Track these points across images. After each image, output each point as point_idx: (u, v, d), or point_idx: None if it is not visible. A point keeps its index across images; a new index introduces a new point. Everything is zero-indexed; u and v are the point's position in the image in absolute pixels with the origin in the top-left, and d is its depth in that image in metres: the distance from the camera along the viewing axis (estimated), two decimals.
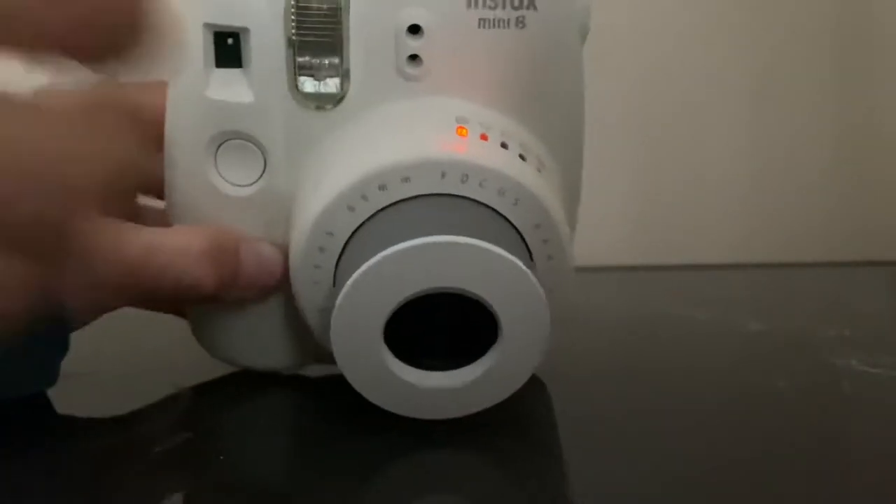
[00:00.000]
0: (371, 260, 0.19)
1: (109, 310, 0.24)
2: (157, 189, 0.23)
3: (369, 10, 0.21)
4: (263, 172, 0.22)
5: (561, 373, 0.27)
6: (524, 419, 0.24)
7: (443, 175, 0.20)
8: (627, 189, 0.50)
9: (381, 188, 0.20)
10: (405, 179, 0.20)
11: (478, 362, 0.21)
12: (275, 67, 0.21)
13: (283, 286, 0.23)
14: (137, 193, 0.24)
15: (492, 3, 0.21)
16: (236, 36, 0.21)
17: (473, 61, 0.22)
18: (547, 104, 0.22)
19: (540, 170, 0.22)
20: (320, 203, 0.21)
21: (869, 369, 0.27)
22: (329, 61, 0.21)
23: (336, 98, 0.22)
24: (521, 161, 0.21)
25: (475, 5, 0.21)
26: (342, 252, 0.21)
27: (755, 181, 0.50)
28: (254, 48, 0.21)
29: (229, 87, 0.21)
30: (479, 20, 0.21)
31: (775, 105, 0.50)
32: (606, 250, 0.46)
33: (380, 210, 0.20)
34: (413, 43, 0.21)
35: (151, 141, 0.22)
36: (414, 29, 0.21)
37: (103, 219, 0.19)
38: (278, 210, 0.23)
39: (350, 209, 0.20)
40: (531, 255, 0.21)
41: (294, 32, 0.21)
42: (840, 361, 0.28)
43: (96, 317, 0.25)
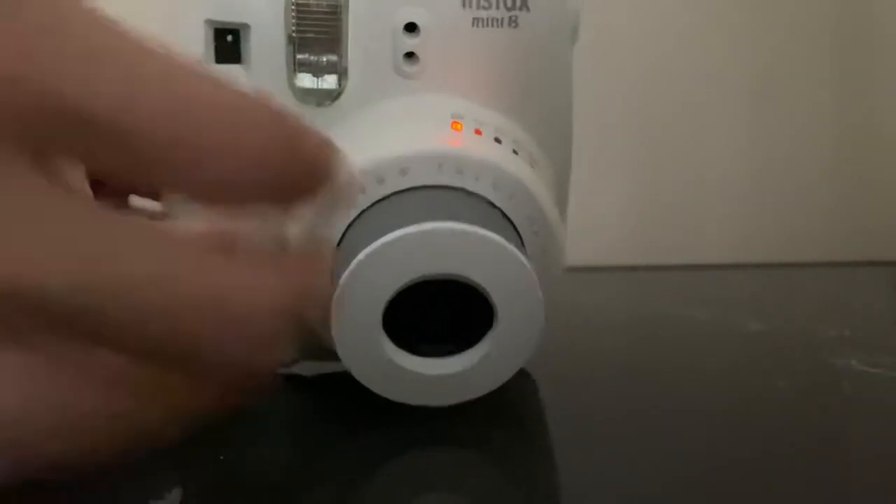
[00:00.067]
0: (369, 247, 0.19)
1: None
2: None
3: (367, 9, 0.22)
4: None
5: (561, 373, 0.27)
6: (523, 420, 0.24)
7: (439, 167, 0.20)
8: (627, 189, 0.50)
9: (379, 181, 0.20)
10: (402, 171, 0.20)
11: (474, 349, 0.21)
12: (274, 64, 0.22)
13: None
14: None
15: (486, 3, 0.22)
16: (236, 33, 0.22)
17: (468, 59, 0.22)
18: (538, 103, 0.23)
19: (532, 165, 0.22)
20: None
21: (869, 369, 0.27)
22: (328, 58, 0.22)
23: (334, 94, 0.22)
24: (515, 156, 0.21)
25: (470, 5, 0.22)
26: (340, 242, 0.21)
27: (755, 181, 0.50)
28: (254, 45, 0.21)
29: None
30: (474, 19, 0.22)
31: (775, 105, 0.50)
32: (606, 250, 0.46)
33: (377, 201, 0.20)
34: (409, 41, 0.22)
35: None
36: (410, 27, 0.22)
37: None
38: None
39: None
40: (524, 247, 0.21)
41: (294, 29, 0.21)
42: (840, 361, 0.28)
43: None
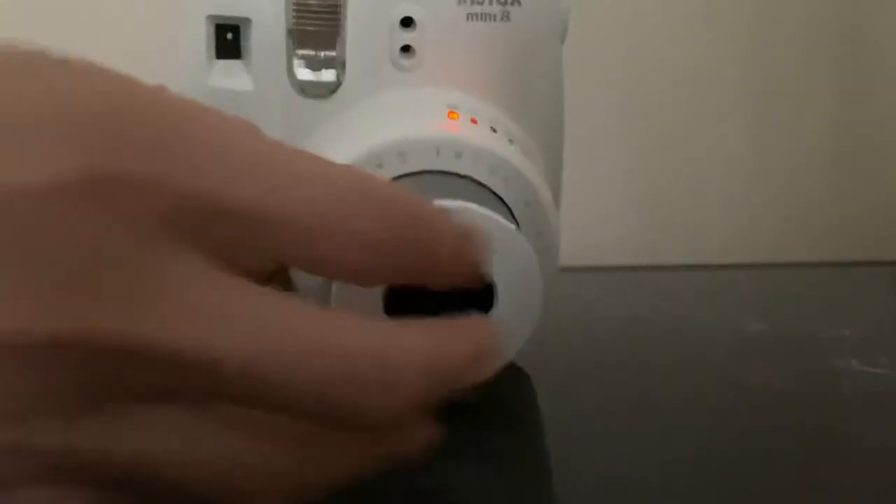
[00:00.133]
0: None
1: None
2: None
3: (365, 4, 0.22)
4: None
5: (560, 373, 0.27)
6: (522, 420, 0.24)
7: (437, 152, 0.20)
8: (627, 189, 0.49)
9: (378, 166, 0.20)
10: (401, 156, 0.20)
11: None
12: (274, 57, 0.22)
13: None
14: None
15: None
16: (235, 30, 0.22)
17: (463, 52, 0.23)
18: (530, 96, 0.23)
19: (526, 154, 0.22)
20: None
21: (869, 369, 0.27)
22: (326, 52, 0.22)
23: (333, 87, 0.22)
24: (510, 144, 0.22)
25: (464, 0, 0.22)
26: None
27: (755, 181, 0.50)
28: (254, 39, 0.22)
29: (230, 77, 0.22)
30: (468, 14, 0.22)
31: (775, 104, 0.50)
32: (606, 250, 0.46)
33: None
34: (406, 35, 0.22)
35: None
36: (406, 22, 0.22)
37: None
38: None
39: None
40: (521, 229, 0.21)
41: (294, 24, 0.22)
42: (840, 361, 0.28)
43: None
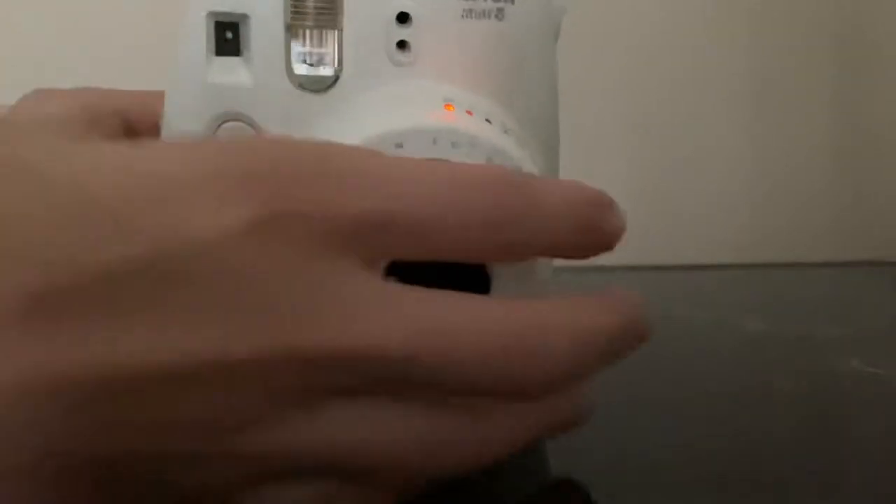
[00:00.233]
0: None
1: None
2: None
3: (362, 0, 0.22)
4: None
5: None
6: None
7: (434, 141, 0.21)
8: (627, 188, 0.49)
9: None
10: (398, 145, 0.20)
11: None
12: (273, 53, 0.22)
13: None
14: None
15: None
16: (235, 28, 0.22)
17: (458, 48, 0.23)
18: (524, 93, 0.24)
19: (522, 147, 0.22)
20: None
21: (869, 369, 0.27)
22: (324, 47, 0.22)
23: (330, 81, 0.22)
24: (506, 135, 0.22)
25: None
26: None
27: (755, 182, 0.50)
28: (253, 34, 0.22)
29: (229, 73, 0.22)
30: (463, 10, 0.23)
31: (776, 105, 0.50)
32: None
33: None
34: (402, 31, 0.22)
35: None
36: (403, 18, 0.22)
37: None
38: None
39: None
40: None
41: (292, 20, 0.22)
42: (840, 361, 0.28)
43: None
